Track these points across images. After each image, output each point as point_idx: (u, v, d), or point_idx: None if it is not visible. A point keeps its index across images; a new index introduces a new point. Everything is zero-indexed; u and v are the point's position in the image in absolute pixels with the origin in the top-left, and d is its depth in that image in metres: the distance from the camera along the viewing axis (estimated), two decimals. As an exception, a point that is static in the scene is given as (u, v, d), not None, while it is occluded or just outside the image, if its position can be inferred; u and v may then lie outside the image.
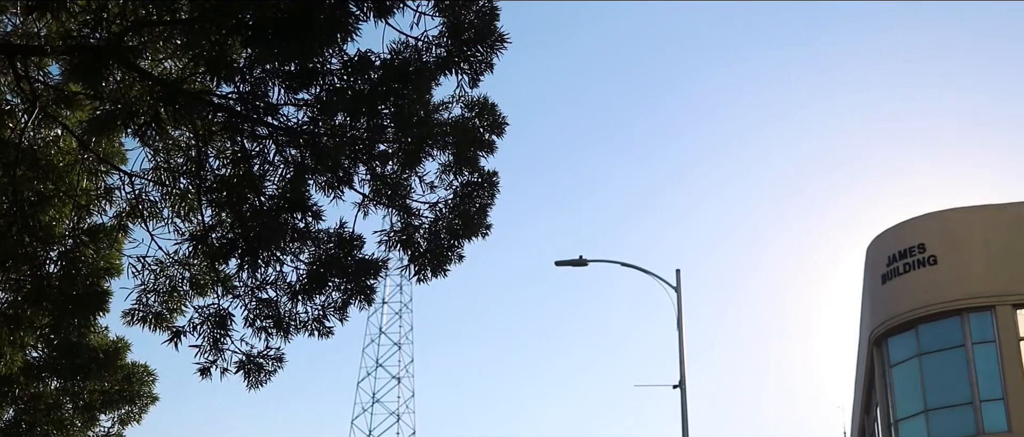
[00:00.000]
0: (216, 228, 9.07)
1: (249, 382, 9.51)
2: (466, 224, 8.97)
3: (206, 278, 9.50)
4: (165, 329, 9.52)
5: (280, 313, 9.37)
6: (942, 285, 24.30)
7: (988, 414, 23.03)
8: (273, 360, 9.56)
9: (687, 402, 28.27)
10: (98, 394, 11.51)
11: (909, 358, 25.06)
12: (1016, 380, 22.70)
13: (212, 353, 9.43)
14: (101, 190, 9.37)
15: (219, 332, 9.37)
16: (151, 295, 9.55)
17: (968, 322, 23.81)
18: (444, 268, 9.18)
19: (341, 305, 9.34)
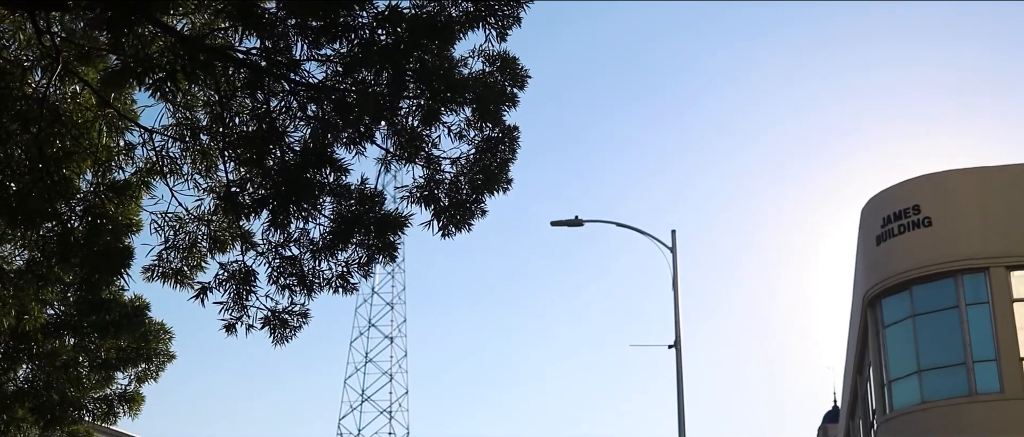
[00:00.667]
0: (242, 184, 9.06)
1: (274, 338, 9.57)
2: (488, 179, 8.96)
3: (226, 235, 9.50)
4: (185, 286, 9.54)
5: (303, 270, 9.38)
6: (936, 246, 24.42)
7: (981, 375, 23.22)
8: (298, 316, 9.60)
9: (682, 362, 28.44)
10: (114, 352, 11.51)
11: (903, 319, 25.21)
12: (1009, 341, 22.87)
13: (236, 310, 9.45)
14: (121, 146, 9.35)
15: (244, 289, 9.38)
16: (171, 252, 9.56)
17: (962, 283, 23.94)
18: (468, 222, 9.20)
19: (365, 261, 9.35)
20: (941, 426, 23.40)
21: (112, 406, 12.46)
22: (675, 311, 29.76)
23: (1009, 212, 23.98)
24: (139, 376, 12.37)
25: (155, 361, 12.13)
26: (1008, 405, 22.63)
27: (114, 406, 12.46)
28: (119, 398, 12.49)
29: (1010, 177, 24.56)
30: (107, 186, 9.22)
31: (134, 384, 12.50)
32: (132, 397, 12.53)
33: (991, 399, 22.88)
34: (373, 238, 9.13)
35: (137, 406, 12.59)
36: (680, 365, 28.98)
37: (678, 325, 29.31)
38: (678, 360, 29.00)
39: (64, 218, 8.94)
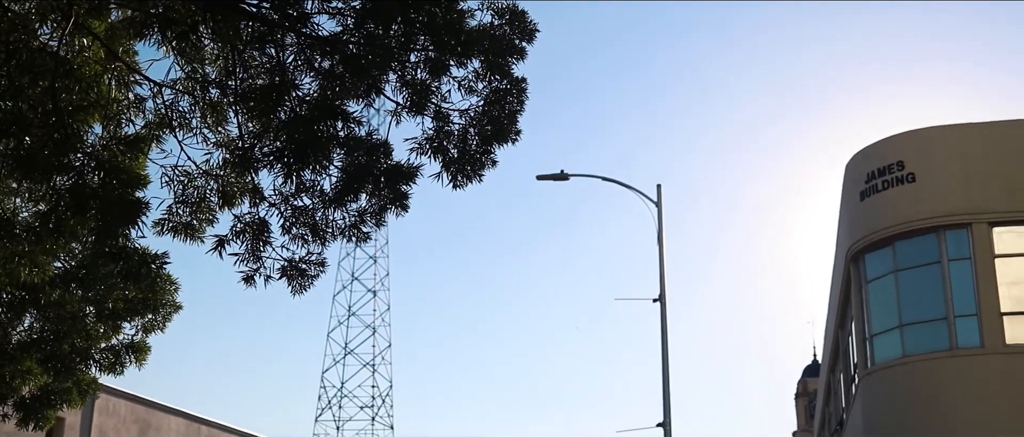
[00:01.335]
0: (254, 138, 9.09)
1: (293, 288, 9.68)
2: (497, 130, 9.02)
3: (235, 189, 9.54)
4: (195, 239, 9.60)
5: (315, 220, 9.46)
6: (919, 202, 24.61)
7: (962, 330, 23.49)
8: (315, 265, 9.69)
9: (667, 316, 28.77)
10: (121, 302, 11.55)
11: (885, 274, 25.44)
12: (990, 297, 23.12)
13: (252, 261, 9.52)
14: (130, 100, 9.35)
15: (259, 240, 9.45)
16: (180, 206, 9.60)
17: (944, 239, 24.15)
18: (478, 174, 9.26)
19: (377, 211, 9.43)
20: (922, 380, 23.72)
21: (119, 356, 12.53)
22: (660, 265, 29.99)
23: (992, 169, 24.18)
24: (145, 327, 12.42)
25: (161, 312, 12.18)
26: (988, 359, 22.96)
27: (121, 356, 12.52)
28: (126, 348, 12.55)
29: (994, 134, 24.75)
30: (122, 140, 9.23)
31: (140, 334, 12.56)
32: (139, 347, 12.59)
33: (971, 353, 23.18)
34: (384, 189, 9.19)
35: (144, 356, 12.66)
36: (664, 319, 29.28)
37: (663, 279, 29.56)
38: (663, 314, 29.29)
39: (78, 170, 8.96)
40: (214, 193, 9.68)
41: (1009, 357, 22.77)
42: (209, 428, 57.23)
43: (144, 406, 50.33)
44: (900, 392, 24.24)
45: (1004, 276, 23.46)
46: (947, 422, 22.94)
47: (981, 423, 22.42)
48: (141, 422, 50.94)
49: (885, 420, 24.55)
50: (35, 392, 12.76)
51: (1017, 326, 23.11)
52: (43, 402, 12.87)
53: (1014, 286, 23.85)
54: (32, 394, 12.79)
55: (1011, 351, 22.75)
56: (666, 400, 30.64)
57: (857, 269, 26.38)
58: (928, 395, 23.50)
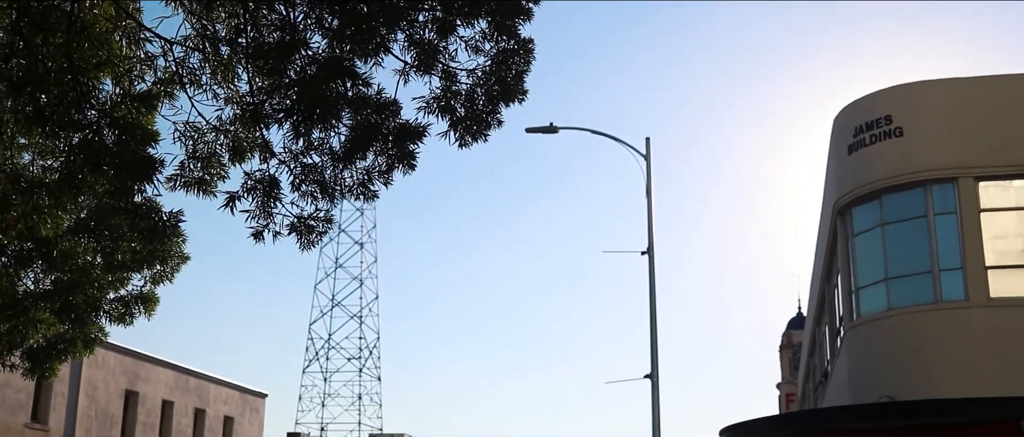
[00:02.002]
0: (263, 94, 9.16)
1: (301, 243, 9.82)
2: (504, 90, 9.12)
3: (245, 144, 9.63)
4: (208, 194, 9.71)
5: (324, 178, 9.57)
6: (907, 156, 24.78)
7: (947, 283, 23.73)
8: (323, 221, 9.82)
9: (655, 268, 28.99)
10: (129, 254, 11.66)
11: (872, 228, 25.64)
12: (975, 250, 23.34)
13: (263, 217, 9.64)
14: (141, 57, 9.41)
15: (269, 197, 9.56)
16: (192, 161, 9.69)
17: (931, 193, 24.34)
18: (485, 133, 9.38)
19: (386, 169, 9.55)
20: (907, 332, 24.00)
21: (129, 306, 12.65)
22: (648, 218, 30.18)
23: (979, 123, 24.35)
24: (154, 278, 12.53)
25: (170, 263, 12.29)
26: (972, 312, 23.24)
27: (130, 306, 12.65)
28: (135, 299, 12.68)
29: (982, 89, 24.88)
30: (136, 96, 9.29)
31: (149, 285, 12.68)
32: (148, 297, 12.71)
33: (956, 307, 23.44)
34: (392, 147, 9.30)
35: (152, 306, 12.78)
36: (653, 271, 29.51)
37: (651, 232, 29.75)
38: (651, 267, 29.51)
39: (92, 127, 9.04)
40: (225, 148, 9.79)
41: (993, 310, 23.06)
42: (197, 380, 57.59)
43: (133, 358, 50.64)
44: (885, 344, 24.53)
45: (989, 230, 23.69)
46: (931, 374, 23.25)
47: (965, 375, 22.74)
48: (130, 374, 51.24)
49: (870, 372, 24.87)
50: (42, 343, 12.90)
51: (1001, 280, 23.39)
52: (49, 353, 13.01)
53: (999, 240, 24.11)
54: (39, 344, 12.93)
55: (995, 304, 23.04)
56: (654, 352, 30.97)
57: (844, 223, 26.59)
58: (913, 347, 23.80)
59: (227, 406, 60.46)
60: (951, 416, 21.93)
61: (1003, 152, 23.87)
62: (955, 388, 22.44)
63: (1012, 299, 23.20)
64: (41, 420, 45.55)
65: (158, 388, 53.89)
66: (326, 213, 9.84)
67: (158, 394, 53.92)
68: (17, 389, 43.16)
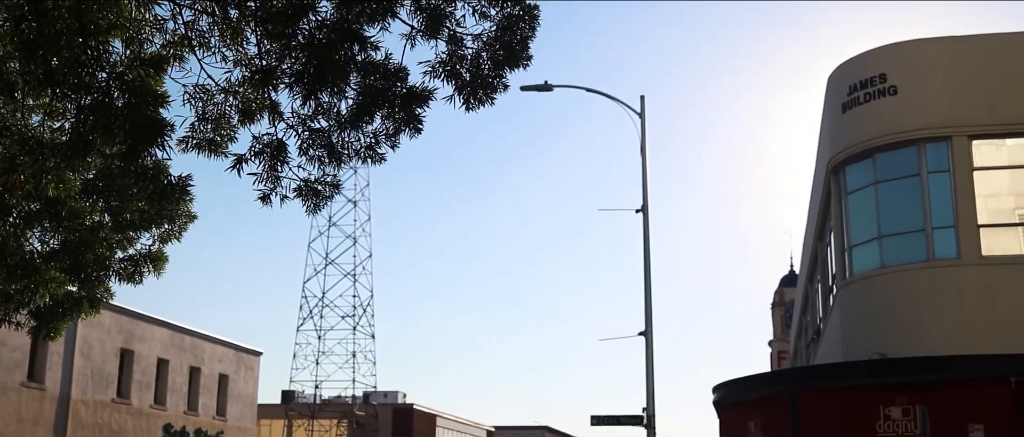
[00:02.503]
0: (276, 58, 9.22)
1: (307, 207, 9.95)
2: (509, 55, 9.21)
3: (254, 105, 9.70)
4: (219, 155, 9.79)
5: (332, 142, 9.66)
6: (901, 115, 24.89)
7: (939, 241, 23.92)
8: (329, 186, 9.92)
9: (649, 226, 29.11)
10: (137, 213, 11.75)
11: (865, 186, 25.80)
12: (967, 209, 23.51)
13: (270, 181, 9.74)
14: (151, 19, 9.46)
15: (277, 160, 9.66)
16: (201, 123, 9.77)
17: (924, 152, 24.46)
18: (491, 97, 9.47)
19: (393, 133, 9.65)
20: (899, 290, 24.22)
21: (138, 265, 12.77)
22: (643, 176, 30.28)
23: (973, 82, 24.46)
24: (162, 237, 12.62)
25: (178, 222, 12.38)
26: (964, 270, 23.45)
27: (140, 265, 12.77)
28: (144, 257, 12.79)
29: (976, 47, 24.97)
30: (146, 59, 9.35)
31: (157, 244, 12.78)
32: (156, 256, 12.83)
33: (948, 265, 23.65)
34: (399, 111, 9.38)
35: (161, 265, 12.89)
36: (647, 229, 29.65)
37: (645, 190, 29.86)
38: (645, 224, 29.64)
39: (103, 89, 9.10)
40: (234, 110, 9.87)
41: (985, 268, 23.27)
42: (192, 338, 57.82)
43: (128, 317, 50.81)
44: (877, 302, 24.75)
45: (982, 189, 23.86)
46: (923, 331, 23.49)
47: (957, 333, 22.98)
48: (125, 332, 51.43)
49: (862, 329, 25.11)
50: (49, 302, 13.02)
51: (993, 238, 23.58)
52: (54, 312, 13.13)
53: (991, 199, 24.29)
54: (46, 304, 13.06)
55: (987, 263, 23.24)
56: (648, 309, 31.19)
57: (837, 181, 26.74)
58: (905, 305, 24.03)
59: (222, 364, 60.76)
60: (942, 373, 22.16)
61: (997, 111, 23.99)
62: (947, 346, 22.67)
63: (1004, 257, 23.41)
64: (37, 379, 45.77)
65: (153, 347, 54.12)
66: (333, 177, 9.97)
67: (153, 353, 54.15)
68: (13, 348, 43.33)
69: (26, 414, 44.65)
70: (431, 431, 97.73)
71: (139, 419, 52.68)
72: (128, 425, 51.77)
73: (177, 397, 56.09)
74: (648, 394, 29.79)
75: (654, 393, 29.27)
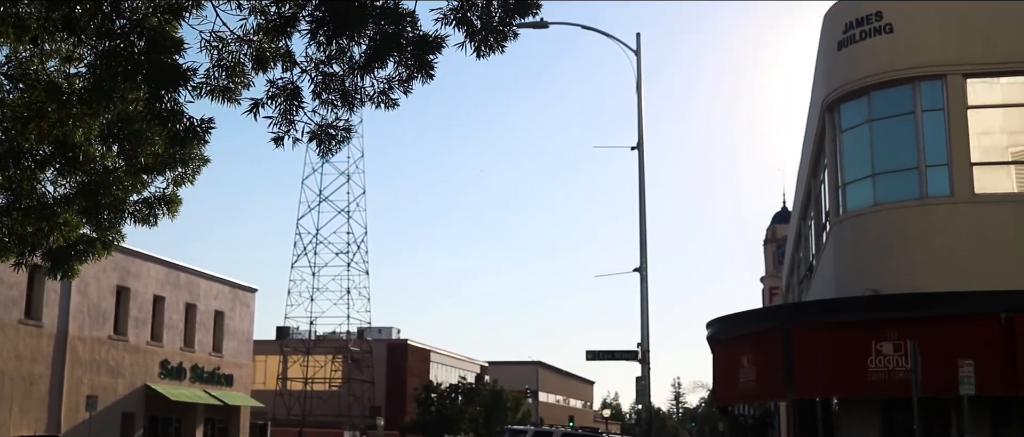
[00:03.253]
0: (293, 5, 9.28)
1: (320, 150, 10.08)
2: (519, 2, 9.30)
3: (268, 53, 9.79)
4: (233, 102, 9.90)
5: (346, 87, 9.76)
6: (896, 53, 25.00)
7: (932, 179, 24.14)
8: (342, 130, 10.04)
9: (644, 163, 29.26)
10: (152, 157, 11.86)
11: (860, 124, 25.95)
12: (961, 147, 23.70)
13: (284, 125, 9.86)
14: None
15: (292, 104, 9.77)
16: (216, 70, 9.85)
17: (919, 90, 24.60)
18: (501, 44, 9.57)
19: (406, 78, 9.76)
20: (892, 227, 24.47)
21: (152, 208, 12.91)
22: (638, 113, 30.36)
23: (968, 21, 24.54)
24: (176, 180, 12.74)
25: (191, 165, 12.50)
26: (957, 208, 23.70)
27: (154, 208, 12.91)
28: (158, 200, 12.92)
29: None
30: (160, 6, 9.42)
31: (171, 187, 12.90)
32: (171, 199, 12.96)
33: (941, 202, 23.90)
34: (411, 58, 9.49)
35: (175, 207, 13.03)
36: (642, 166, 29.80)
37: (641, 127, 29.96)
38: (640, 161, 29.79)
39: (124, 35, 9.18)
40: (248, 57, 9.96)
41: (977, 206, 23.52)
42: (188, 275, 58.11)
43: (124, 255, 50.99)
44: (871, 239, 25.03)
45: (975, 127, 24.04)
46: (916, 268, 23.79)
47: (949, 269, 23.28)
48: (121, 269, 51.67)
49: (855, 266, 25.41)
50: (62, 244, 13.18)
51: (986, 176, 23.81)
52: (68, 253, 13.30)
53: (984, 137, 24.49)
54: (60, 246, 13.21)
55: (980, 201, 23.49)
56: (643, 245, 31.44)
57: (832, 118, 26.88)
58: (898, 242, 24.30)
59: (218, 301, 61.13)
60: (934, 309, 22.51)
61: (991, 49, 24.10)
62: (939, 282, 22.98)
63: (996, 196, 23.66)
64: (34, 316, 46.07)
65: (149, 284, 54.41)
66: (346, 122, 10.10)
67: (149, 290, 54.46)
68: (10, 285, 43.56)
69: (24, 351, 45.02)
70: (425, 366, 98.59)
71: (136, 355, 53.12)
72: (125, 361, 52.21)
73: (173, 333, 56.51)
74: (643, 330, 30.17)
75: (649, 329, 29.64)
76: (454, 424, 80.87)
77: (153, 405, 54.05)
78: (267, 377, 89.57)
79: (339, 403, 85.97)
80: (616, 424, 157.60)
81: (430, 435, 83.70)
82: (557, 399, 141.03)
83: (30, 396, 45.21)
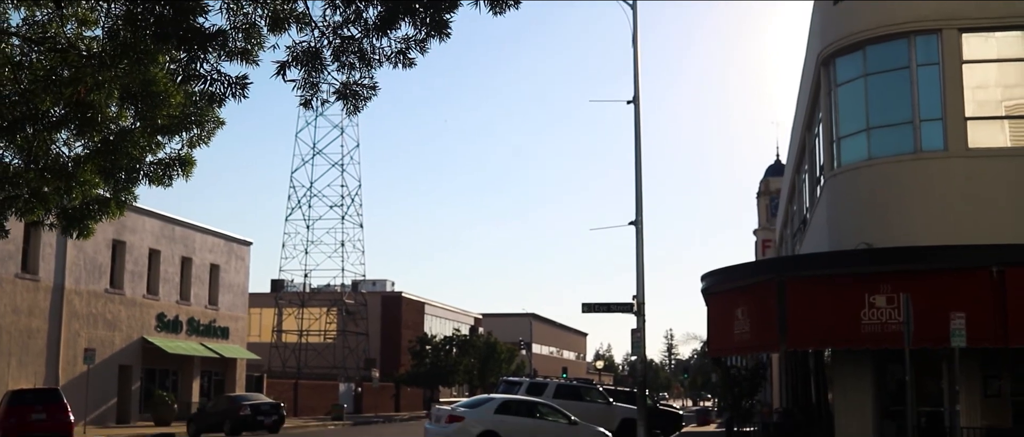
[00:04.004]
0: None
1: (347, 108, 10.22)
2: (532, -40, 9.39)
3: (282, 14, 9.88)
4: (251, 63, 10.01)
5: (363, 48, 9.87)
6: (891, 8, 25.06)
7: (926, 133, 24.31)
8: (368, 88, 10.16)
9: (640, 117, 29.37)
10: (167, 118, 11.96)
11: (855, 78, 26.07)
12: (955, 102, 23.85)
13: (309, 87, 9.99)
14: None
15: (315, 67, 9.87)
16: (233, 32, 9.94)
17: (914, 44, 24.69)
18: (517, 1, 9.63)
19: (422, 38, 9.85)
20: (886, 181, 24.67)
21: (168, 168, 13.03)
22: (634, 67, 30.41)
23: (964, -25, 24.57)
24: (191, 141, 12.85)
25: (206, 127, 12.61)
26: (950, 162, 23.89)
27: (169, 169, 13.03)
28: (174, 161, 13.05)
29: (967, -59, 24.99)
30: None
31: (186, 149, 13.01)
32: (186, 160, 13.08)
33: (935, 156, 24.08)
34: (426, 17, 9.58)
35: (190, 168, 13.16)
36: (638, 120, 29.91)
37: (637, 81, 30.01)
38: (636, 115, 29.89)
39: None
40: (264, 19, 10.06)
41: (971, 160, 23.71)
42: (183, 229, 58.25)
43: (120, 207, 51.05)
44: (864, 193, 25.24)
45: (970, 81, 24.17)
46: (909, 222, 24.03)
47: (942, 223, 23.53)
48: (117, 224, 51.77)
49: (849, 219, 25.64)
50: (78, 204, 13.32)
51: (980, 130, 23.98)
52: (83, 212, 13.45)
53: (979, 91, 24.64)
54: (75, 206, 13.36)
55: (973, 155, 23.68)
56: (638, 199, 31.62)
57: (827, 73, 27.00)
58: (891, 196, 24.52)
59: (213, 254, 61.32)
60: (926, 263, 22.79)
61: (986, 4, 24.19)
62: (932, 236, 23.24)
63: (989, 150, 23.85)
64: (31, 270, 46.25)
65: (145, 238, 54.55)
66: (371, 80, 10.23)
67: (145, 243, 54.61)
68: (6, 240, 43.66)
69: (21, 305, 45.25)
70: (419, 318, 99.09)
71: (132, 309, 53.38)
72: (122, 315, 52.47)
73: (169, 287, 56.74)
74: (638, 282, 30.41)
75: (644, 281, 29.88)
76: (448, 376, 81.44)
77: (150, 358, 54.39)
78: (262, 330, 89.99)
79: (334, 355, 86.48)
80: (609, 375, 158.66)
81: (425, 386, 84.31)
82: (550, 351, 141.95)
83: (28, 350, 45.50)
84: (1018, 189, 23.54)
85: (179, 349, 55.67)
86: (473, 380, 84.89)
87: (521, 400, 32.40)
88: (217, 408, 47.09)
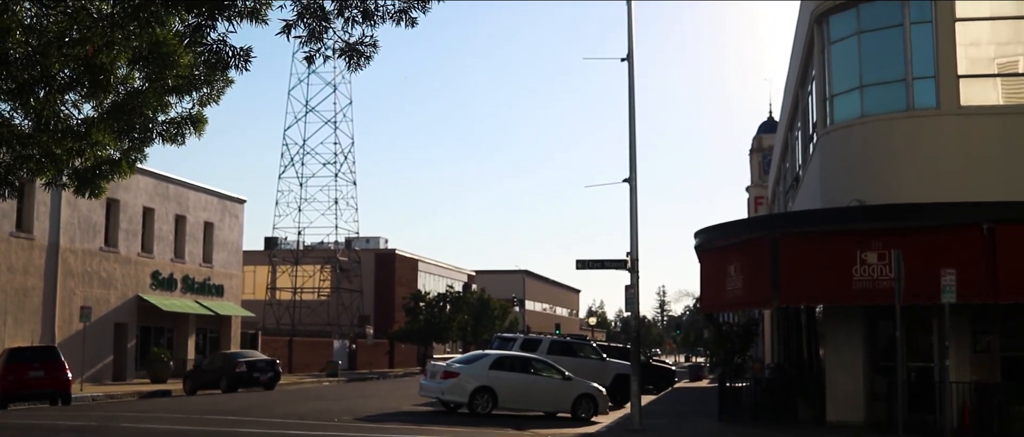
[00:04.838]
0: None
1: (350, 65, 10.37)
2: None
3: None
4: (260, 22, 10.12)
5: (366, 5, 9.99)
6: (885, -34, 25.09)
7: (919, 91, 24.48)
8: (369, 46, 10.30)
9: (634, 74, 29.38)
10: (177, 78, 12.03)
11: (848, 36, 26.18)
12: (948, 60, 23.99)
13: (313, 43, 10.11)
14: None
15: (319, 24, 9.99)
16: None
17: (908, 2, 24.77)
18: None
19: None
20: (879, 139, 24.85)
21: (180, 127, 13.14)
22: (628, 23, 30.36)
23: (957, -67, 24.61)
24: (202, 100, 12.93)
25: (216, 86, 12.68)
26: (942, 120, 24.09)
27: (182, 127, 13.14)
28: (185, 120, 13.14)
29: (962, -101, 25.01)
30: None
31: (197, 107, 13.10)
32: (197, 118, 13.17)
33: (927, 114, 24.28)
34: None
35: (202, 127, 13.26)
36: (632, 78, 29.93)
37: (631, 38, 29.99)
38: (630, 73, 29.90)
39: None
40: None
41: (963, 118, 23.91)
42: (176, 187, 58.28)
43: (113, 166, 51.03)
44: (857, 150, 25.44)
45: (963, 39, 24.30)
46: (901, 179, 24.25)
47: (934, 180, 23.75)
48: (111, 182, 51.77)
49: (841, 176, 25.85)
50: (88, 164, 13.44)
51: (972, 88, 24.16)
52: (94, 172, 13.57)
53: (971, 48, 24.79)
54: (85, 165, 13.48)
55: (965, 113, 23.88)
56: (632, 156, 31.70)
57: (821, 30, 27.10)
58: (884, 153, 24.71)
59: (206, 212, 61.40)
60: (917, 220, 23.04)
61: (980, -39, 24.27)
62: (924, 193, 23.47)
63: (981, 108, 24.05)
64: (25, 229, 46.31)
65: (139, 196, 54.58)
66: (372, 38, 10.37)
67: (139, 202, 54.66)
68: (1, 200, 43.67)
69: (16, 263, 45.37)
70: (413, 275, 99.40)
71: (127, 267, 53.52)
72: (117, 273, 52.62)
73: (164, 245, 56.86)
74: (632, 239, 30.55)
75: (638, 238, 30.04)
76: (442, 332, 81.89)
77: (145, 315, 54.60)
78: (256, 287, 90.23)
79: (328, 312, 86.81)
80: (602, 332, 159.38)
81: (418, 343, 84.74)
82: (543, 307, 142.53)
83: (24, 308, 45.67)
84: (1010, 146, 23.75)
85: (174, 307, 55.88)
86: (466, 337, 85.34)
87: (516, 356, 32.66)
88: (213, 365, 47.38)
